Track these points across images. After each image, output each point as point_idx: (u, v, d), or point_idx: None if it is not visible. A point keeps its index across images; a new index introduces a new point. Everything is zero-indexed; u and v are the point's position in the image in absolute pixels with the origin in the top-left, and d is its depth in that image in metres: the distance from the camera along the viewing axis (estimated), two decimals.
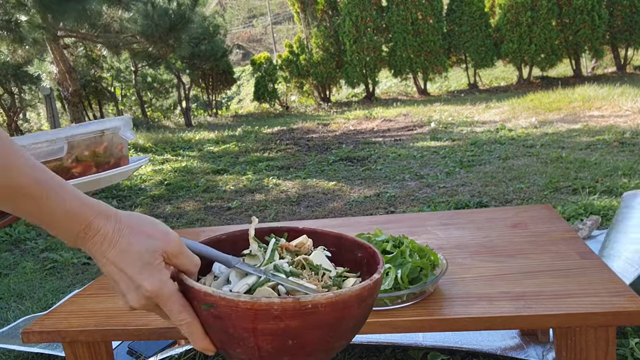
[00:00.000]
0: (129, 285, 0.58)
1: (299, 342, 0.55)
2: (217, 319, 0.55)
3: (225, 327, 0.55)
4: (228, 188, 4.63)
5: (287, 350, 0.56)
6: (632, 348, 1.44)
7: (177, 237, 0.60)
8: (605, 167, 3.81)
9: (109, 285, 1.34)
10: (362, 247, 0.70)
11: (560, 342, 0.96)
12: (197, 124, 11.71)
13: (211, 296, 0.54)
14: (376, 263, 0.64)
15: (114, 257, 0.57)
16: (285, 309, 0.52)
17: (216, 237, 0.70)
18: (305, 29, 13.20)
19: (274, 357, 0.56)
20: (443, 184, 3.94)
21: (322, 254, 0.68)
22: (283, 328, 0.53)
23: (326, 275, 0.65)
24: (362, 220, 1.68)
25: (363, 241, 0.71)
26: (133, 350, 1.70)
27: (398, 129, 7.48)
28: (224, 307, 0.53)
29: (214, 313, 0.55)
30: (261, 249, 0.68)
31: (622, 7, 11.28)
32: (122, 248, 0.56)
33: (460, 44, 12.26)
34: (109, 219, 0.57)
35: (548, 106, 7.68)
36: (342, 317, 0.56)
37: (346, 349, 1.58)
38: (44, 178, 0.55)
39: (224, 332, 0.55)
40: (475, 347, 1.48)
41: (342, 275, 0.67)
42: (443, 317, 0.96)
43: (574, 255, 1.15)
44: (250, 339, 0.54)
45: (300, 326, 0.54)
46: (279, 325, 0.53)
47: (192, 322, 0.57)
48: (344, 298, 0.54)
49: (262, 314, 0.52)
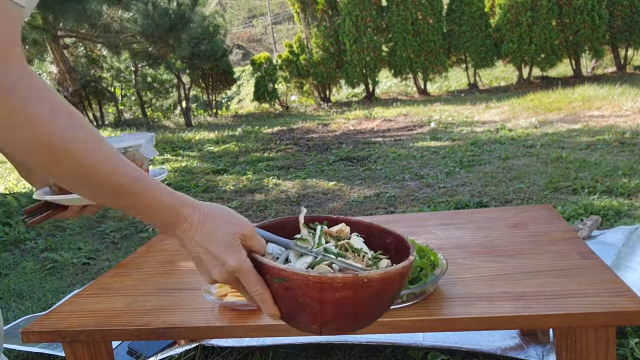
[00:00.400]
0: (214, 263, 0.69)
1: (354, 310, 0.67)
2: (288, 290, 0.67)
3: (295, 297, 0.67)
4: (228, 188, 4.63)
5: (343, 317, 0.68)
6: (632, 348, 1.44)
7: (250, 224, 0.72)
8: (606, 167, 3.80)
9: (109, 285, 1.34)
10: (390, 234, 0.81)
11: (560, 342, 0.96)
12: (197, 124, 11.71)
13: (285, 271, 0.66)
14: (406, 248, 0.76)
15: (201, 240, 0.69)
16: (346, 283, 0.64)
17: (269, 223, 0.82)
18: (305, 29, 13.20)
19: (333, 322, 0.69)
20: (443, 184, 3.94)
21: (359, 239, 0.79)
22: (343, 298, 0.65)
23: (365, 257, 0.76)
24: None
25: (391, 229, 0.81)
26: (133, 350, 1.69)
27: (398, 129, 7.48)
28: (295, 281, 0.65)
29: (286, 285, 0.66)
30: (310, 234, 0.79)
31: (622, 7, 11.28)
32: (208, 232, 0.69)
33: (460, 44, 12.26)
34: (195, 209, 0.69)
35: (548, 106, 7.68)
36: (387, 291, 0.69)
37: (346, 349, 1.58)
38: (139, 176, 0.66)
39: (293, 301, 0.67)
40: (475, 347, 1.48)
41: (377, 257, 0.77)
42: (443, 317, 0.96)
43: (574, 255, 1.15)
44: (316, 306, 0.66)
45: (356, 297, 0.66)
46: (340, 295, 0.65)
47: (265, 292, 0.69)
48: (391, 275, 0.66)
49: (327, 286, 0.64)
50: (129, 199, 0.66)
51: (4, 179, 5.76)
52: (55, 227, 3.75)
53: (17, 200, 4.22)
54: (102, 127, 11.58)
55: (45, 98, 0.61)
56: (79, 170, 0.63)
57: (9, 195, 4.55)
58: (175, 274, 1.37)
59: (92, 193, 0.67)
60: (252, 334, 1.05)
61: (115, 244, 3.32)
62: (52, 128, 0.60)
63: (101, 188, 0.65)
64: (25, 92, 0.59)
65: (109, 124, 12.15)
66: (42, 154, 0.61)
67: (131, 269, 1.46)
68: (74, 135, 0.62)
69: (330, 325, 0.69)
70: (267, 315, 0.71)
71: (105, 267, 2.88)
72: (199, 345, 1.64)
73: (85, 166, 0.63)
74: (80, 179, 0.64)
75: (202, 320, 1.08)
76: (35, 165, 0.63)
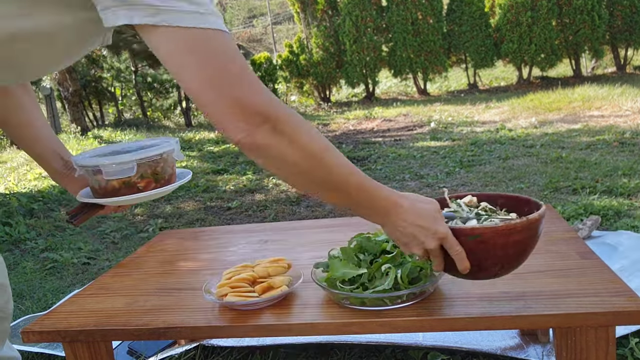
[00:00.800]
0: (427, 234, 0.86)
1: (524, 249, 0.89)
2: (481, 244, 0.85)
3: (486, 247, 0.85)
4: (228, 188, 4.63)
5: (517, 256, 0.89)
6: (632, 348, 1.45)
7: (436, 202, 0.92)
8: (605, 167, 3.81)
9: (109, 285, 1.35)
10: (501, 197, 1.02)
11: (560, 342, 0.97)
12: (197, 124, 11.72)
13: (478, 229, 0.85)
14: (522, 202, 0.97)
15: (414, 219, 0.86)
16: (522, 225, 0.85)
17: None
18: (305, 29, 13.20)
19: (515, 260, 0.89)
20: (443, 184, 3.94)
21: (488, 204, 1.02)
22: (520, 239, 0.86)
23: (501, 213, 0.99)
24: (362, 220, 1.67)
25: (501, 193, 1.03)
26: (133, 350, 1.70)
27: (398, 129, 7.48)
28: (488, 233, 0.84)
29: (480, 240, 0.85)
30: (459, 206, 1.00)
31: (622, 7, 11.28)
32: (418, 212, 0.86)
33: (460, 44, 12.26)
34: (401, 197, 0.87)
35: (548, 106, 7.68)
36: (537, 233, 0.89)
37: (346, 349, 1.58)
38: (365, 174, 0.85)
39: (484, 252, 0.86)
40: (475, 347, 1.48)
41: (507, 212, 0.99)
42: (443, 317, 0.96)
43: (574, 255, 1.15)
44: (503, 249, 0.86)
45: (526, 237, 0.87)
46: (519, 237, 0.85)
47: (462, 251, 0.87)
48: (539, 217, 0.87)
49: (511, 230, 0.84)
50: (363, 194, 0.85)
51: (4, 179, 5.76)
52: (55, 227, 3.75)
53: (18, 200, 4.22)
54: (103, 127, 11.58)
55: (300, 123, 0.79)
56: (329, 177, 0.81)
57: (9, 195, 4.55)
58: (175, 274, 1.37)
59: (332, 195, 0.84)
60: (252, 334, 1.05)
61: (116, 244, 3.32)
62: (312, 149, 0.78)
63: (345, 189, 0.83)
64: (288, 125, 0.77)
65: (109, 124, 12.15)
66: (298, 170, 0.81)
67: (131, 269, 1.46)
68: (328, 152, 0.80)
69: (507, 265, 0.89)
70: (460, 271, 0.89)
71: (105, 267, 2.88)
72: (199, 345, 1.64)
73: (334, 175, 0.81)
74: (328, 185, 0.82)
75: (202, 320, 1.08)
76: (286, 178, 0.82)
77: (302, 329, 1.02)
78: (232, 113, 0.73)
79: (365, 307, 1.01)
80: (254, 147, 0.76)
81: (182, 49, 0.72)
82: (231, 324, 1.05)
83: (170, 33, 0.71)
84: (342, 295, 1.03)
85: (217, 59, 0.73)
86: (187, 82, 0.73)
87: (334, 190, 0.83)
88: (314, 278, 1.09)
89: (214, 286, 1.17)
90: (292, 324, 1.02)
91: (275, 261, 1.21)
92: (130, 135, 9.03)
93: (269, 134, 0.75)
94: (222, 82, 0.73)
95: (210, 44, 0.72)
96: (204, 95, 0.74)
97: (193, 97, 0.75)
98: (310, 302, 1.09)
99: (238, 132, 0.74)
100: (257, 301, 1.08)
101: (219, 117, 0.74)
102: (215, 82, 0.72)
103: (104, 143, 8.14)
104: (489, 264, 0.88)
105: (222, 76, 0.73)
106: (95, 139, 8.53)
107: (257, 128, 0.74)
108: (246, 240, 1.59)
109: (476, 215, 0.95)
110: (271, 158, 0.78)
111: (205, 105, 0.74)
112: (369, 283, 1.02)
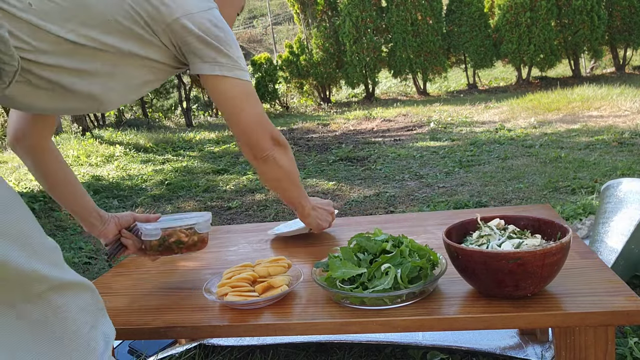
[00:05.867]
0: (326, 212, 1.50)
1: (556, 267, 0.96)
2: (520, 266, 0.91)
3: (526, 269, 0.92)
4: (228, 188, 4.64)
5: (551, 273, 0.96)
6: (631, 347, 1.45)
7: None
8: (604, 167, 3.81)
9: (109, 285, 1.35)
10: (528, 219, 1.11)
11: (559, 341, 0.97)
12: (198, 124, 11.72)
13: (518, 253, 0.91)
14: (561, 227, 1.03)
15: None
16: (557, 249, 0.92)
17: (458, 224, 1.12)
18: (305, 30, 13.20)
19: (547, 279, 0.96)
20: (442, 184, 3.94)
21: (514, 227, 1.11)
22: (554, 260, 0.93)
23: (529, 236, 1.07)
24: (362, 220, 1.68)
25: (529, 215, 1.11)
26: (134, 349, 1.70)
27: (398, 129, 7.49)
28: (527, 257, 0.91)
29: (519, 262, 0.91)
30: (491, 229, 1.09)
31: (621, 8, 11.29)
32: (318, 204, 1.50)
33: (459, 45, 12.27)
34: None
35: (547, 106, 7.69)
36: (567, 255, 0.96)
37: (346, 348, 1.59)
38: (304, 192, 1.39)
39: (523, 272, 0.92)
40: (474, 347, 1.48)
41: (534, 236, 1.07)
42: (442, 317, 0.97)
43: (573, 255, 1.15)
44: (539, 270, 0.93)
45: (559, 258, 0.94)
46: (554, 258, 0.93)
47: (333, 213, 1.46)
48: (569, 240, 0.95)
49: (547, 253, 0.91)
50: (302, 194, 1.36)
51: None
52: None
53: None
54: (103, 127, 11.58)
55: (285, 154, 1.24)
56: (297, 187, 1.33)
57: None
58: (175, 274, 1.37)
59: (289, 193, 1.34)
60: (253, 333, 1.05)
61: None
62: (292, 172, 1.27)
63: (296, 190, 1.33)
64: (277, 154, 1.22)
65: (110, 124, 12.15)
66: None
67: (131, 269, 1.47)
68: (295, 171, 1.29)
69: (541, 284, 0.96)
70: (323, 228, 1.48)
71: (105, 267, 2.89)
72: (200, 344, 1.65)
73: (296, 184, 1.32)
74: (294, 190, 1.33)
75: (203, 319, 1.08)
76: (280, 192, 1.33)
77: (302, 328, 1.02)
78: (267, 139, 1.18)
79: (365, 307, 1.02)
80: (270, 158, 1.20)
81: (242, 95, 1.11)
82: (231, 324, 1.05)
83: (236, 84, 1.09)
84: (341, 295, 1.04)
85: (259, 103, 1.15)
86: (245, 117, 1.13)
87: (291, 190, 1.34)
88: (314, 277, 1.10)
89: (214, 286, 1.18)
90: (292, 323, 1.02)
91: (275, 261, 1.21)
92: (131, 136, 9.02)
93: (281, 151, 1.22)
94: (263, 119, 1.17)
95: (254, 92, 1.14)
96: (253, 123, 1.15)
97: (246, 128, 1.14)
98: (310, 301, 1.10)
99: (266, 149, 1.18)
100: (257, 300, 1.08)
101: (259, 140, 1.16)
102: (260, 119, 1.16)
103: (104, 143, 8.14)
104: (527, 284, 0.94)
105: (263, 115, 1.17)
106: (96, 139, 8.53)
107: (275, 147, 1.21)
108: (246, 240, 1.59)
109: (508, 238, 1.04)
110: (276, 166, 1.22)
111: (252, 134, 1.15)
112: (368, 282, 1.03)
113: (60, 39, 0.92)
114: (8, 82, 0.91)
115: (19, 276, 0.78)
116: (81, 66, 0.96)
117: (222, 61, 1.06)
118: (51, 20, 0.91)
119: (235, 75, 1.08)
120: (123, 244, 1.29)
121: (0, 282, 0.78)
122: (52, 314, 0.84)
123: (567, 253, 0.96)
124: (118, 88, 1.03)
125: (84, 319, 0.89)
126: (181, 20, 1.01)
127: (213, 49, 1.05)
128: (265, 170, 1.22)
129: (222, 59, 1.06)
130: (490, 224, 1.11)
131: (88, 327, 0.89)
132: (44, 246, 0.84)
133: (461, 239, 1.10)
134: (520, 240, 1.02)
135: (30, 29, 0.89)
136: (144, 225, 1.28)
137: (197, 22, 1.02)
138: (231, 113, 1.12)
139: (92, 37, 0.95)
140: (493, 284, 0.96)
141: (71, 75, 0.96)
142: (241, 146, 1.19)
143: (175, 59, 1.08)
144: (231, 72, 1.07)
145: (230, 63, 1.07)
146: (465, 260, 0.98)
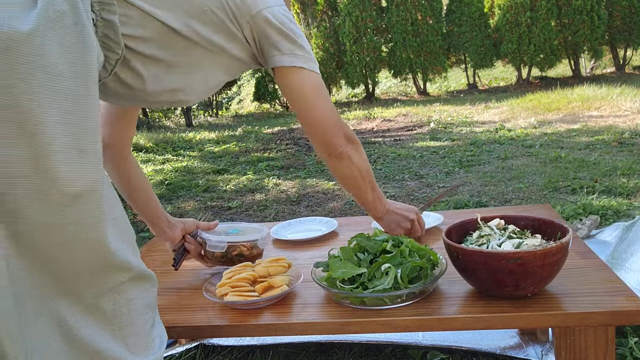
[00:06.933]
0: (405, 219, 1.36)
1: (556, 267, 0.95)
2: (521, 266, 0.92)
3: (526, 269, 0.92)
4: (228, 188, 4.64)
5: (551, 273, 0.96)
6: (631, 347, 1.45)
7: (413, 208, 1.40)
8: (604, 167, 3.81)
9: None
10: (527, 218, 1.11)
11: (559, 341, 0.97)
12: (198, 124, 11.72)
13: (519, 253, 0.92)
14: (561, 227, 1.04)
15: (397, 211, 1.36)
16: (557, 249, 0.92)
17: (458, 223, 1.13)
18: (305, 30, 13.20)
19: (547, 279, 0.96)
20: (442, 184, 3.94)
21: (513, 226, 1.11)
22: (554, 260, 0.93)
23: (529, 235, 1.07)
24: (362, 220, 1.68)
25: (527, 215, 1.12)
26: None
27: (398, 129, 7.49)
28: (527, 257, 0.91)
29: (520, 262, 0.91)
30: (491, 229, 1.09)
31: (621, 8, 11.29)
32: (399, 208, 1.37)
33: (459, 45, 12.27)
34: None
35: (547, 106, 7.69)
36: (567, 255, 0.96)
37: (346, 348, 1.59)
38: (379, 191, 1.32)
39: (523, 272, 0.92)
40: (474, 347, 1.48)
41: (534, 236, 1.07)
42: (442, 317, 0.97)
43: (574, 255, 1.15)
44: (539, 270, 0.93)
45: (558, 258, 0.94)
46: (554, 258, 0.93)
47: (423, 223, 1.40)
48: (569, 240, 0.95)
49: (547, 253, 0.92)
50: (377, 194, 1.29)
51: None
52: None
53: None
54: None
55: (357, 151, 1.21)
56: (372, 185, 1.26)
57: None
58: (176, 274, 1.37)
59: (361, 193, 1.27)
60: (253, 333, 1.05)
61: None
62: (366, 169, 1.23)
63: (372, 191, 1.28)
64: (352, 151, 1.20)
65: None
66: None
67: None
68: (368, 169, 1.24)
69: (541, 284, 0.96)
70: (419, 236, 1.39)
71: None
72: (200, 344, 1.65)
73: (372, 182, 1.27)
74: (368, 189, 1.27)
75: (203, 319, 1.08)
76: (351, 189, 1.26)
77: (302, 328, 1.02)
78: (341, 136, 1.16)
79: (365, 307, 1.02)
80: (345, 155, 1.17)
81: (316, 88, 1.11)
82: (231, 323, 1.05)
83: (312, 76, 1.10)
84: (342, 295, 1.04)
85: (329, 98, 1.15)
86: (319, 114, 1.12)
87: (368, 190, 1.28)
88: (314, 277, 1.10)
89: (214, 285, 1.18)
90: (292, 323, 1.02)
91: (276, 260, 1.21)
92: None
93: (354, 148, 1.19)
94: (337, 115, 1.15)
95: (324, 87, 1.14)
96: (329, 119, 1.13)
97: (320, 124, 1.13)
98: (310, 301, 1.10)
99: (340, 146, 1.16)
100: (257, 300, 1.08)
101: (333, 137, 1.15)
102: (334, 115, 1.15)
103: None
104: (527, 284, 0.94)
105: (335, 111, 1.16)
106: None
107: (349, 144, 1.18)
108: None
109: (508, 238, 1.04)
110: (351, 164, 1.19)
111: (326, 130, 1.14)
112: (368, 282, 1.03)
113: (165, 27, 0.93)
114: (110, 70, 0.91)
115: (117, 263, 0.77)
116: (172, 59, 0.97)
117: (299, 53, 1.08)
118: (160, 6, 0.93)
119: (311, 68, 1.10)
120: (186, 249, 1.33)
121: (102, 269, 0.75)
122: (125, 305, 0.80)
123: (567, 253, 0.96)
124: (197, 86, 1.04)
125: (146, 315, 0.85)
126: (263, 12, 1.03)
127: (291, 42, 1.07)
128: (341, 168, 1.19)
129: (298, 51, 1.08)
130: (490, 224, 1.11)
131: (149, 325, 0.85)
132: (131, 233, 0.82)
133: (461, 239, 1.09)
134: (520, 240, 1.02)
135: (139, 14, 0.90)
136: (209, 236, 1.30)
137: (276, 15, 1.05)
138: (305, 108, 1.11)
139: (192, 27, 0.96)
140: (493, 284, 0.96)
141: (160, 68, 0.96)
142: (314, 143, 1.18)
143: (251, 56, 1.10)
144: (307, 64, 1.09)
145: (306, 55, 1.09)
146: (465, 260, 0.98)
